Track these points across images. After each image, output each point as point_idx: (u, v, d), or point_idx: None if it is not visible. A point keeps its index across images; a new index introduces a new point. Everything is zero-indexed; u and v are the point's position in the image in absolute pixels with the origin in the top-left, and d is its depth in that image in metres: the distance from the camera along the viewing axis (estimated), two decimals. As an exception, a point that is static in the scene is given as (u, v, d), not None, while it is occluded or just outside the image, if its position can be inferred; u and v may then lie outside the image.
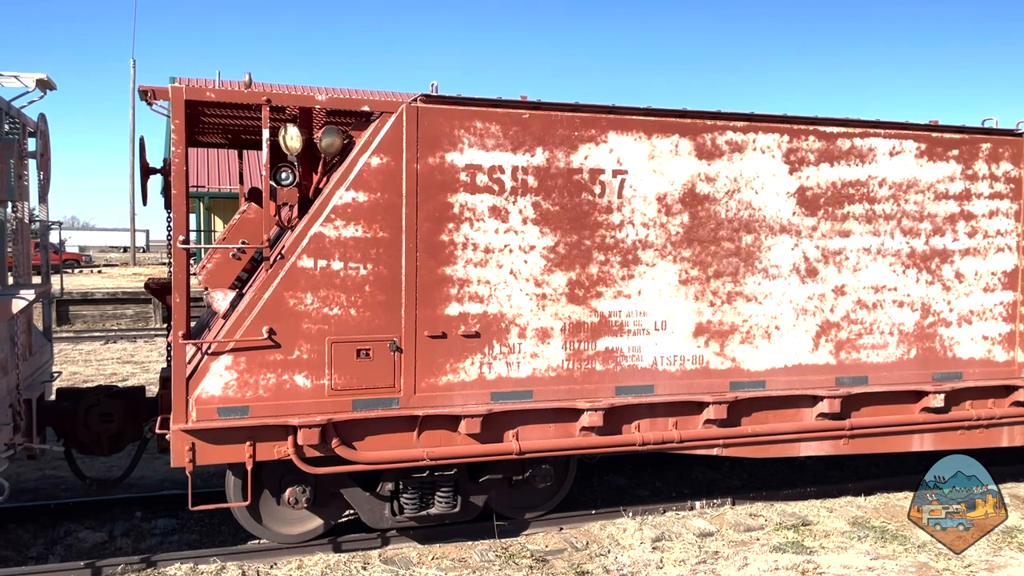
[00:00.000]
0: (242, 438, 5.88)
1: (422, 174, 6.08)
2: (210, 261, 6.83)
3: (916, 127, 7.31)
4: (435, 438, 6.27)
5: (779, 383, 7.04)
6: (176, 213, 5.83)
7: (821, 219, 7.07)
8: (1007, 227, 7.59)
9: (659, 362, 6.76)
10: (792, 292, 7.03)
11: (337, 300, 5.96)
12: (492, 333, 6.33)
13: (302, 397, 5.93)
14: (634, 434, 6.72)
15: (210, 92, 5.89)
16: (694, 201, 6.77)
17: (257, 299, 5.85)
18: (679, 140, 6.71)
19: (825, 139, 7.05)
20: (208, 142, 8.49)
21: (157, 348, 17.72)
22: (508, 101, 6.32)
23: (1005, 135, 7.58)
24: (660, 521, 7.25)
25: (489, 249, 6.29)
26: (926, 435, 7.51)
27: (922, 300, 7.38)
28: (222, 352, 5.81)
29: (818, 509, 7.61)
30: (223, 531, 7.08)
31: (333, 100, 6.18)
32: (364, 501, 6.51)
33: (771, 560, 6.36)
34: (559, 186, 6.44)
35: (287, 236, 6.02)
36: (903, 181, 7.26)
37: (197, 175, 28.58)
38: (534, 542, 6.78)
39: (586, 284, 6.54)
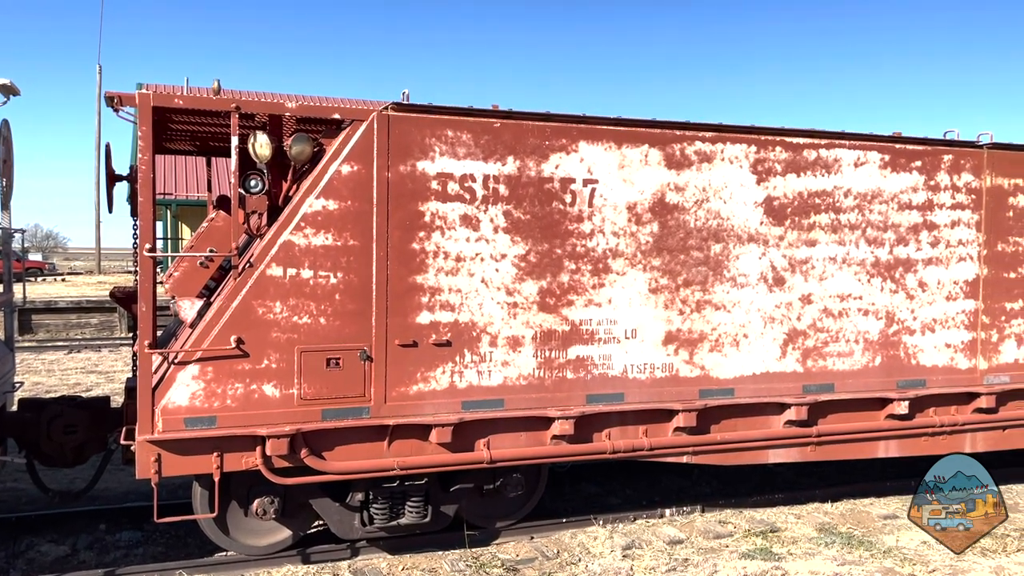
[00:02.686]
0: (209, 449, 5.81)
1: (393, 182, 6.07)
2: (177, 269, 6.74)
3: (880, 138, 7.45)
4: (406, 447, 6.24)
5: (747, 391, 7.11)
6: (143, 221, 5.76)
7: (788, 228, 7.17)
8: (968, 237, 7.76)
9: (629, 370, 6.79)
10: (760, 300, 7.12)
11: (307, 309, 5.92)
12: (463, 342, 6.32)
13: (271, 407, 5.87)
14: (605, 442, 6.75)
15: (178, 99, 5.84)
16: (664, 210, 6.83)
17: (225, 308, 5.79)
18: (649, 150, 6.77)
19: (792, 150, 7.15)
20: (176, 149, 8.41)
21: (123, 358, 17.44)
22: (479, 110, 6.34)
23: (966, 147, 7.75)
24: (631, 529, 7.28)
25: (460, 257, 6.29)
26: (891, 442, 7.62)
27: (886, 308, 7.51)
28: (189, 362, 5.74)
29: (786, 516, 7.68)
30: (189, 544, 6.97)
31: (303, 107, 6.15)
32: (334, 511, 6.45)
33: (740, 567, 6.41)
34: (530, 195, 6.46)
35: (256, 244, 5.97)
36: (868, 191, 7.39)
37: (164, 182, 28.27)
38: (505, 551, 6.76)
39: (557, 293, 6.56)
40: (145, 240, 5.71)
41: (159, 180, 27.23)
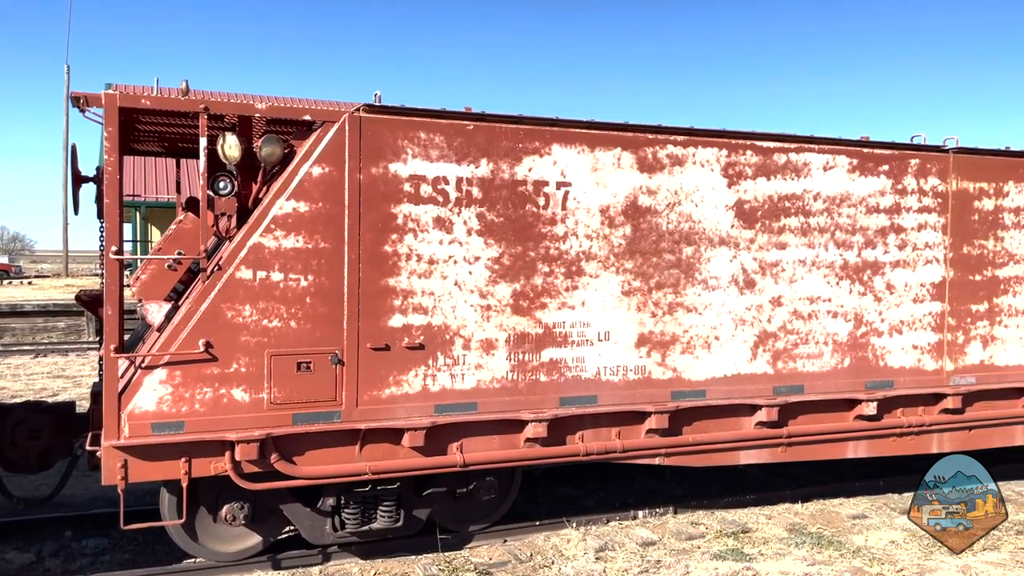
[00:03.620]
0: (177, 454, 5.73)
1: (365, 184, 6.03)
2: (144, 272, 6.66)
3: (848, 143, 7.54)
4: (378, 452, 6.20)
5: (719, 392, 7.16)
6: (109, 223, 5.67)
7: (758, 232, 7.23)
8: (935, 240, 7.87)
9: (602, 372, 6.81)
10: (731, 303, 7.17)
11: (277, 312, 5.86)
12: (436, 345, 6.30)
13: (240, 411, 5.80)
14: (578, 444, 6.75)
15: (145, 99, 5.75)
16: (636, 213, 6.86)
17: (193, 311, 5.72)
18: (621, 153, 6.79)
19: (762, 154, 7.22)
20: (144, 150, 8.30)
21: (90, 362, 17.17)
22: (452, 112, 6.33)
23: (932, 151, 7.87)
24: (604, 531, 7.29)
25: (433, 260, 6.27)
26: (860, 442, 7.71)
27: (855, 310, 7.59)
28: (156, 366, 5.66)
29: (757, 516, 7.74)
30: (157, 550, 6.87)
31: (273, 109, 6.10)
32: (304, 517, 6.39)
33: (711, 568, 6.45)
34: (504, 198, 6.45)
35: (225, 247, 5.90)
36: (836, 195, 7.47)
37: (133, 184, 27.90)
38: (478, 555, 6.74)
39: (530, 295, 6.56)
40: (111, 242, 5.62)
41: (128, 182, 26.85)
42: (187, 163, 8.97)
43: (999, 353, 8.15)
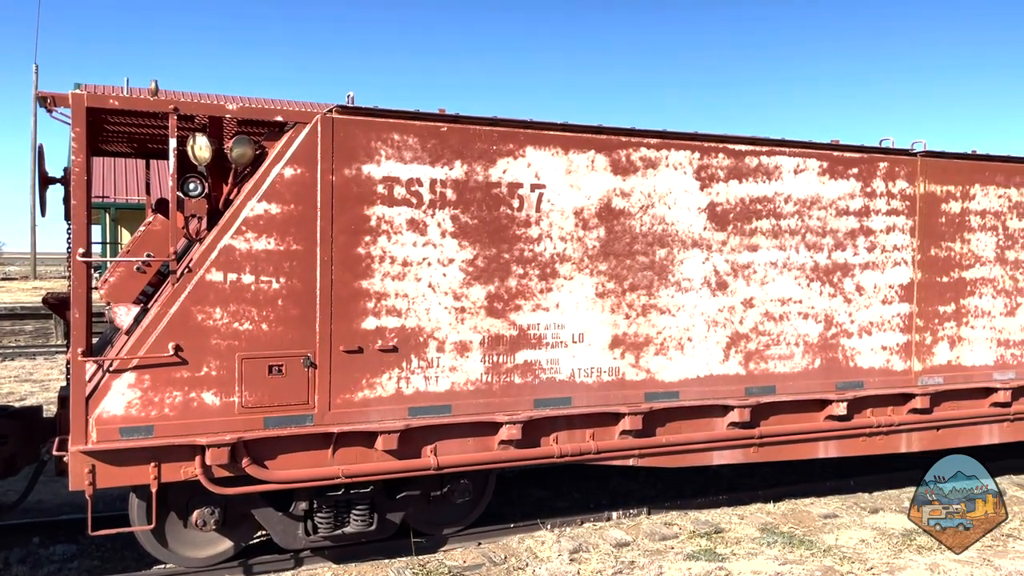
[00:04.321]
0: (146, 459, 5.65)
1: (338, 186, 6.00)
2: (113, 275, 6.54)
3: (818, 146, 7.63)
4: (351, 455, 6.16)
5: (692, 393, 7.20)
6: (76, 224, 5.58)
7: (731, 234, 7.29)
8: (903, 242, 7.98)
9: (577, 374, 6.82)
10: (703, 304, 7.22)
11: (248, 315, 5.80)
12: (410, 347, 6.27)
13: (211, 415, 5.74)
14: (552, 446, 6.76)
15: (113, 99, 5.67)
16: (610, 216, 6.88)
17: (163, 314, 5.65)
18: (595, 156, 6.81)
19: (734, 156, 7.28)
20: (114, 151, 8.18)
21: (58, 366, 16.89)
22: (426, 114, 6.31)
23: (901, 154, 7.99)
24: (578, 533, 7.30)
25: (407, 262, 6.24)
26: (830, 442, 7.79)
27: (825, 312, 7.68)
28: (125, 369, 5.58)
29: (730, 516, 7.80)
30: (126, 556, 6.77)
31: (244, 109, 6.04)
32: (276, 521, 6.33)
33: (685, 568, 6.48)
34: (478, 199, 6.45)
35: (195, 249, 5.83)
36: (807, 198, 7.56)
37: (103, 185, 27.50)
38: (452, 558, 6.72)
39: (505, 297, 6.56)
40: (78, 244, 5.54)
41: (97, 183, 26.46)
42: (157, 164, 8.85)
43: (966, 353, 8.28)
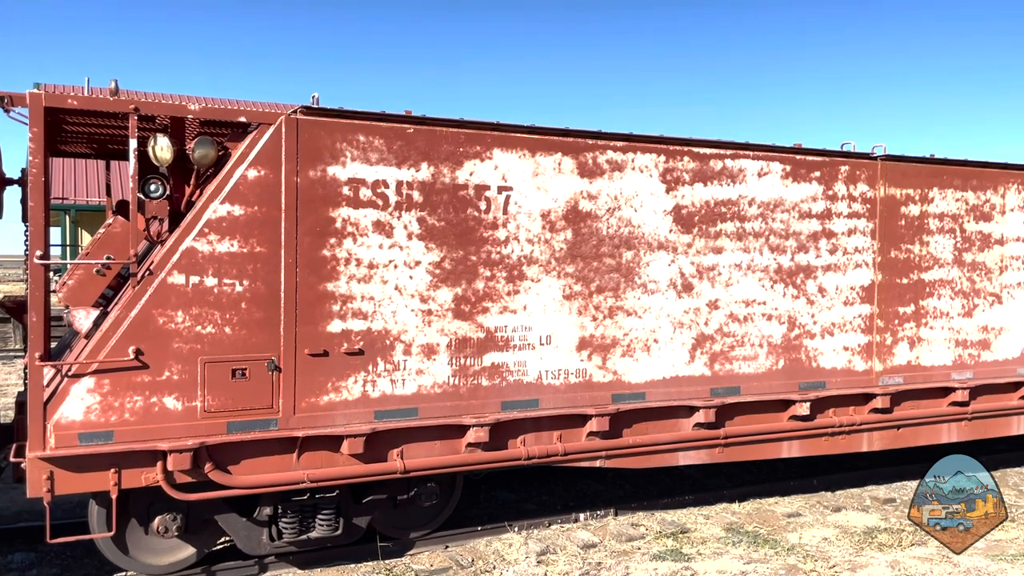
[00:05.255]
0: (106, 465, 5.55)
1: (303, 187, 5.94)
2: (72, 277, 6.42)
3: (781, 149, 7.73)
4: (316, 459, 6.10)
5: (658, 394, 7.25)
6: (34, 226, 5.47)
7: (696, 236, 7.35)
8: (864, 244, 8.12)
9: (544, 376, 6.83)
10: (669, 306, 7.27)
11: (211, 318, 5.73)
12: (376, 350, 6.24)
13: (172, 420, 5.65)
14: (520, 448, 6.76)
15: (72, 99, 5.57)
16: (577, 218, 6.90)
17: (123, 318, 5.55)
18: (562, 158, 6.83)
19: (699, 160, 7.34)
20: (73, 152, 8.03)
21: (16, 371, 16.51)
22: (392, 115, 6.28)
23: (862, 158, 8.12)
24: (545, 535, 7.31)
25: (373, 265, 6.21)
26: (794, 442, 7.89)
27: (789, 313, 7.78)
28: (84, 374, 5.48)
29: (696, 516, 7.86)
30: (87, 564, 6.64)
31: (207, 110, 5.96)
32: (240, 527, 6.25)
33: (651, 568, 6.52)
34: (445, 202, 6.43)
35: (157, 251, 5.75)
36: (770, 200, 7.65)
37: (62, 186, 26.93)
38: (419, 562, 6.69)
39: (472, 300, 6.55)
40: (36, 247, 5.42)
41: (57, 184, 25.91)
42: (118, 165, 8.71)
43: (925, 354, 8.44)
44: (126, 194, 6.29)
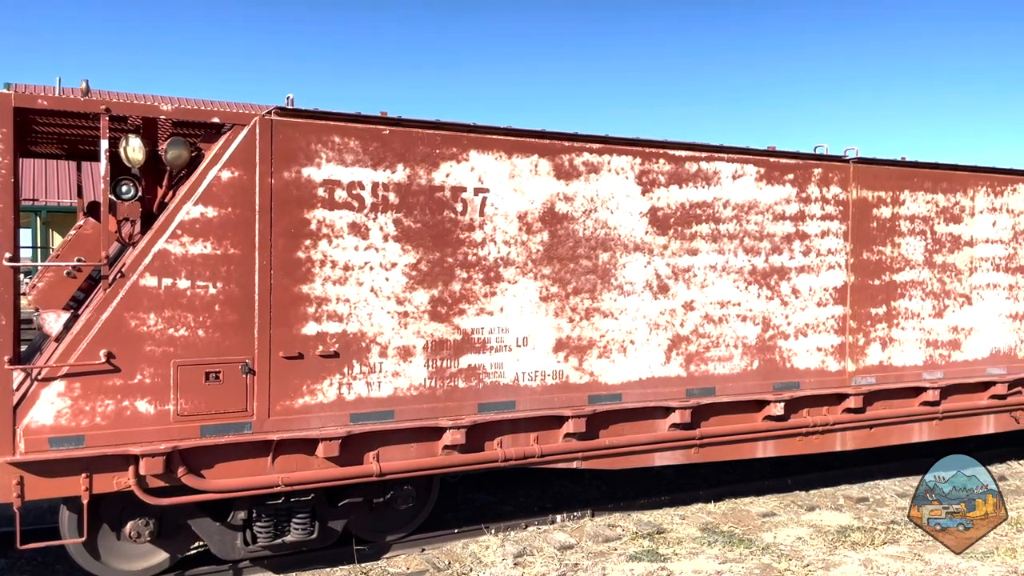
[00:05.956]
0: (77, 470, 5.48)
1: (277, 189, 5.91)
2: (42, 280, 6.34)
3: (756, 152, 7.80)
4: (291, 463, 6.06)
5: (634, 395, 7.28)
6: (3, 228, 5.38)
7: (671, 238, 7.40)
8: (837, 246, 8.21)
9: (521, 378, 6.83)
10: (645, 308, 7.31)
11: (184, 320, 5.67)
12: (352, 352, 6.21)
13: (145, 424, 5.59)
14: (496, 450, 6.76)
15: (42, 100, 5.50)
16: (553, 220, 6.92)
17: (94, 320, 5.48)
18: (538, 160, 6.85)
19: (674, 162, 7.39)
20: (44, 152, 7.92)
21: (-15, 374, 16.22)
22: (367, 116, 6.26)
23: (834, 161, 8.22)
24: (522, 536, 7.31)
25: (349, 266, 6.18)
26: (769, 442, 7.96)
27: (763, 314, 7.85)
28: (54, 378, 5.40)
29: (672, 517, 7.90)
30: (58, 570, 6.55)
31: (180, 111, 5.91)
32: (214, 532, 6.19)
33: (627, 569, 6.54)
34: (421, 203, 6.42)
35: (128, 253, 5.68)
36: (745, 203, 7.72)
37: (33, 188, 26.55)
38: (395, 565, 6.66)
39: (448, 301, 6.54)
40: (4, 249, 5.34)
41: (27, 185, 25.54)
42: (90, 166, 8.61)
43: (897, 354, 8.55)
44: (97, 195, 6.21)
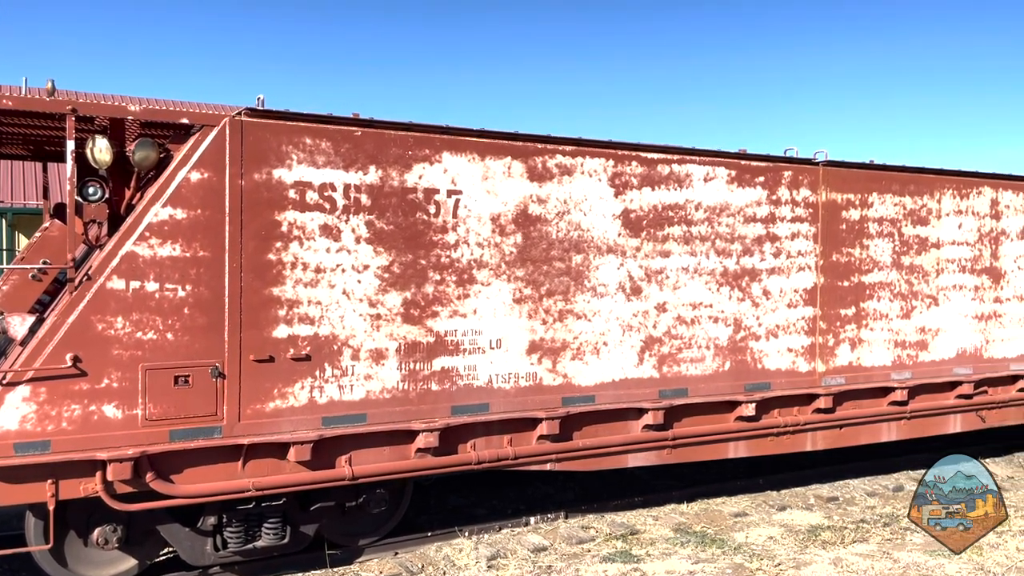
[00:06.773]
0: (43, 475, 5.38)
1: (247, 190, 5.85)
2: (7, 283, 6.24)
3: (727, 155, 7.86)
4: (262, 467, 6.00)
5: (608, 397, 7.30)
6: (-36, 230, 5.28)
7: (644, 240, 7.43)
8: (807, 248, 8.30)
9: (494, 380, 6.83)
10: (618, 309, 7.33)
11: (152, 324, 5.59)
12: (323, 356, 6.16)
13: (112, 429, 5.50)
14: (470, 453, 6.74)
15: (6, 100, 5.41)
16: (527, 222, 6.92)
17: (60, 324, 5.39)
18: (512, 162, 6.85)
19: (647, 164, 7.43)
20: (9, 153, 7.78)
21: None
22: (339, 118, 6.22)
23: (804, 164, 8.31)
24: (496, 539, 7.30)
25: (320, 269, 6.14)
26: (740, 443, 8.02)
27: (735, 316, 7.91)
28: (19, 382, 5.30)
29: (645, 518, 7.93)
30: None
31: (148, 111, 5.83)
32: (184, 537, 6.11)
33: (601, 570, 6.56)
34: (393, 205, 6.39)
35: (95, 255, 5.60)
36: (716, 205, 7.77)
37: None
38: (368, 569, 6.62)
39: (422, 304, 6.51)
40: (-34, 251, 5.24)
41: (-7, 186, 25.06)
42: (56, 167, 8.47)
43: (865, 355, 8.66)
44: (64, 197, 6.12)
